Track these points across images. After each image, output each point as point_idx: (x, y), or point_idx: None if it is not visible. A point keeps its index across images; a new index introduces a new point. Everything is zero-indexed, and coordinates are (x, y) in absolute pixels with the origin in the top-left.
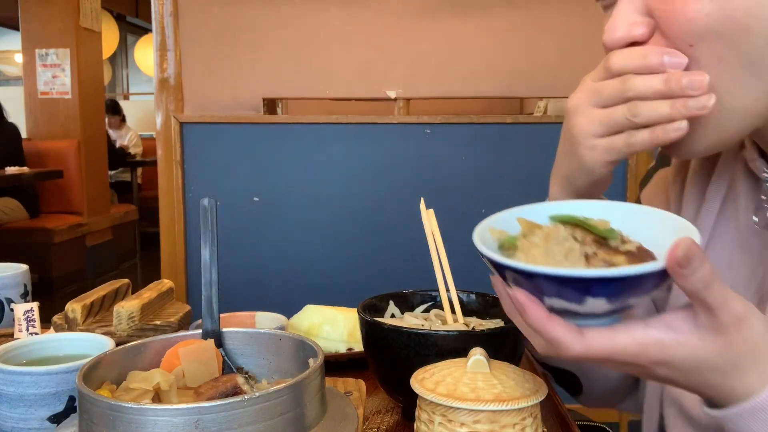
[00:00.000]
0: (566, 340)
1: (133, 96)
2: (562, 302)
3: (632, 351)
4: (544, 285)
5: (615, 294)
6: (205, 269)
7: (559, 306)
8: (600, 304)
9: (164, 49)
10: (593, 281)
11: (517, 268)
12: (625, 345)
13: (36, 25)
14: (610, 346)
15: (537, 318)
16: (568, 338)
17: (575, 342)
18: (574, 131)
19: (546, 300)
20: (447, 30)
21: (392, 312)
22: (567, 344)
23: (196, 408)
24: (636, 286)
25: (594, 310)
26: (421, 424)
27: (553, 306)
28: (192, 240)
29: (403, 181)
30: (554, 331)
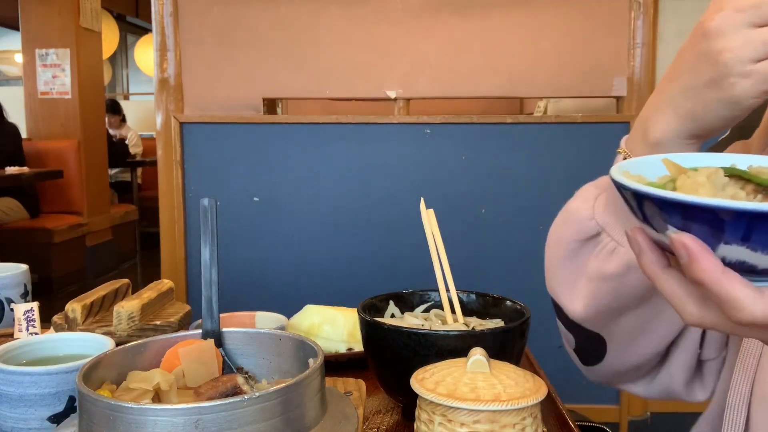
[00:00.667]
0: (745, 300)
1: (133, 96)
2: (744, 250)
3: None
4: (732, 227)
5: None
6: (205, 269)
7: (734, 258)
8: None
9: (164, 49)
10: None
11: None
12: None
13: (36, 25)
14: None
15: (710, 270)
16: (748, 298)
17: (756, 303)
18: (724, 57)
19: (721, 249)
20: (447, 30)
21: (392, 312)
22: (745, 305)
23: (196, 408)
24: None
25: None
26: (421, 424)
27: (726, 258)
28: (192, 240)
29: (403, 181)
30: (730, 287)
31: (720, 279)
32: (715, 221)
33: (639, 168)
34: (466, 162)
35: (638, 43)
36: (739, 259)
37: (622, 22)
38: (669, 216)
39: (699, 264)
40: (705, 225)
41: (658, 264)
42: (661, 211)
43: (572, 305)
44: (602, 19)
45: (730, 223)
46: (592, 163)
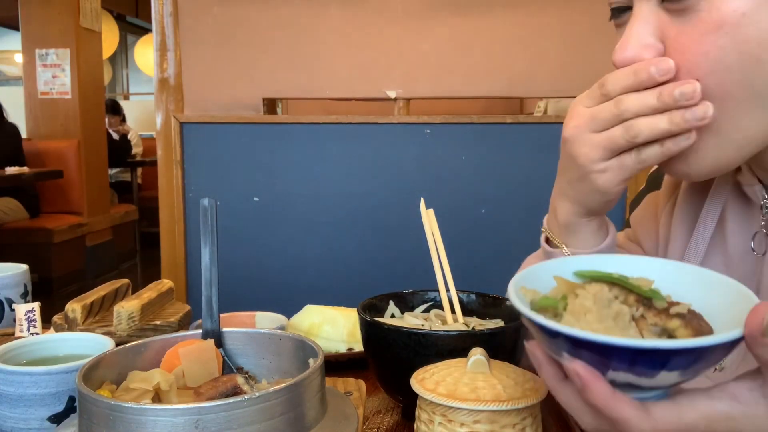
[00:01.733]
0: (633, 420)
1: (133, 96)
2: (630, 376)
3: (699, 428)
4: (616, 358)
5: (690, 365)
6: (205, 269)
7: (622, 380)
8: (671, 377)
9: (164, 49)
10: (676, 353)
11: (585, 339)
12: (692, 421)
13: (36, 25)
14: (677, 423)
15: (601, 396)
16: (636, 417)
17: (643, 421)
18: (579, 162)
19: (609, 374)
20: (447, 30)
21: (392, 312)
22: (635, 423)
23: (196, 408)
24: (711, 356)
25: (661, 383)
26: (421, 424)
27: (616, 380)
28: (192, 240)
29: (403, 181)
30: (620, 409)
31: (610, 403)
32: (602, 353)
33: (534, 280)
34: (466, 162)
35: None
36: (626, 381)
37: None
38: (563, 345)
39: (591, 390)
40: (594, 354)
41: (555, 377)
42: (555, 340)
43: None
44: (602, 19)
45: (616, 356)
46: None
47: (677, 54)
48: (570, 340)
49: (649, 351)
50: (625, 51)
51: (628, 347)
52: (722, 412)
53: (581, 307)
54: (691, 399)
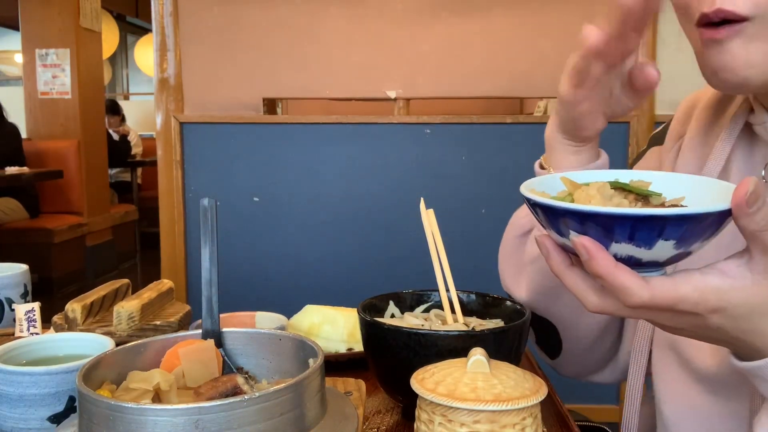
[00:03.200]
0: (634, 287)
1: (133, 96)
2: (631, 247)
3: (693, 299)
4: (619, 228)
5: (683, 236)
6: (205, 269)
7: (623, 253)
8: (666, 249)
9: (164, 49)
10: (670, 219)
11: (593, 212)
12: (686, 293)
13: (36, 25)
14: (673, 295)
15: (605, 265)
16: (636, 285)
17: (642, 289)
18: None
19: (612, 247)
20: (447, 30)
21: (392, 312)
22: (634, 291)
23: (196, 408)
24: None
25: (657, 257)
26: (421, 424)
27: (618, 254)
28: (192, 240)
29: (403, 181)
30: (622, 277)
31: (613, 271)
32: (606, 225)
33: (542, 185)
34: (466, 162)
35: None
36: (627, 254)
37: None
38: (570, 223)
39: (596, 260)
40: (599, 228)
41: (562, 263)
42: (564, 220)
43: (519, 292)
44: (602, 19)
45: (618, 225)
46: None
47: None
48: (577, 215)
49: (647, 218)
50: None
51: (629, 215)
52: (712, 284)
53: (586, 195)
54: (686, 274)
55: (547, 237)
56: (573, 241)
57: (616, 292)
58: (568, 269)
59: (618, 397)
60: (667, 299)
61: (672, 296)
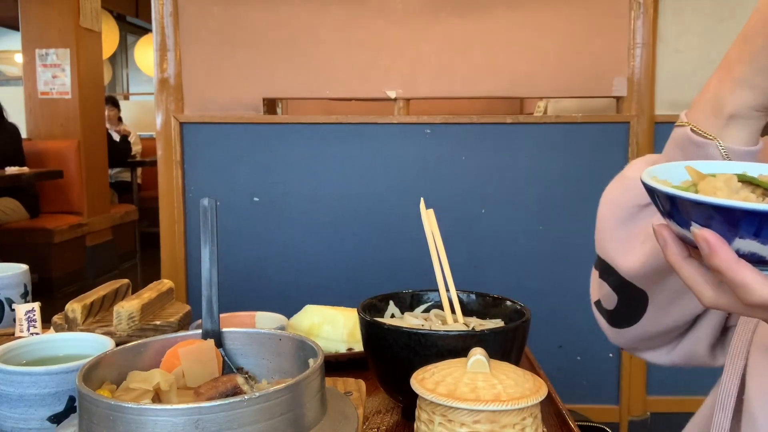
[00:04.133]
0: (754, 285)
1: (133, 96)
2: (755, 244)
3: None
4: (745, 223)
5: None
6: (205, 269)
7: (746, 250)
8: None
9: (164, 49)
10: None
11: (720, 205)
12: None
13: (36, 25)
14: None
15: (726, 260)
16: (757, 283)
17: (763, 287)
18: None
19: (736, 242)
20: (447, 30)
21: (392, 312)
22: (755, 289)
23: (196, 408)
24: None
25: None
26: (421, 424)
27: (740, 250)
28: (192, 240)
29: (403, 181)
30: (743, 273)
31: (734, 267)
32: (732, 219)
33: (665, 174)
34: (466, 162)
35: (638, 43)
36: (750, 251)
37: (622, 22)
38: (694, 214)
39: (717, 255)
40: (723, 222)
41: (680, 255)
42: (687, 211)
43: (626, 263)
44: (602, 19)
45: (745, 220)
46: (592, 163)
47: None
48: (702, 207)
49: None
50: None
51: (757, 211)
52: None
53: (712, 187)
54: None
55: (665, 227)
56: (694, 234)
57: (736, 288)
58: (685, 261)
59: (618, 398)
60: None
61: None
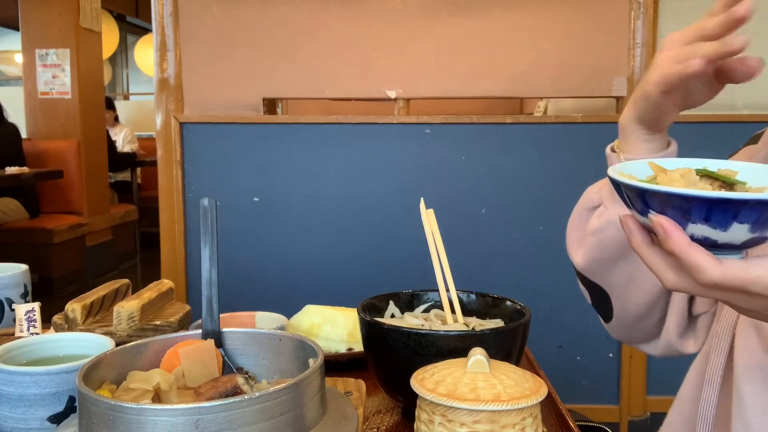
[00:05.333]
0: (707, 266)
1: (133, 96)
2: (706, 228)
3: (765, 282)
4: (696, 209)
5: (759, 221)
6: (205, 269)
7: (700, 234)
8: (741, 232)
9: (164, 49)
10: (747, 203)
11: (671, 193)
12: (758, 275)
13: (36, 25)
14: (744, 276)
15: (680, 243)
16: (709, 264)
17: (715, 268)
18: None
19: (689, 228)
20: (447, 30)
21: (392, 312)
22: (707, 269)
23: (196, 408)
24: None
25: (732, 239)
26: (421, 424)
27: (694, 234)
28: (192, 240)
29: (403, 181)
30: (696, 255)
31: (687, 249)
32: (683, 206)
33: (630, 169)
34: (466, 162)
35: (638, 43)
36: (703, 235)
37: (622, 22)
38: (652, 203)
39: (671, 238)
40: (676, 209)
41: (643, 242)
42: (646, 200)
43: (577, 258)
44: (602, 19)
45: (695, 206)
46: (592, 163)
47: None
48: (659, 196)
49: (722, 200)
50: None
51: (704, 197)
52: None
53: (669, 179)
54: (760, 258)
55: (630, 217)
56: (651, 220)
57: (690, 270)
58: (647, 247)
59: (618, 398)
60: (738, 280)
61: (742, 277)
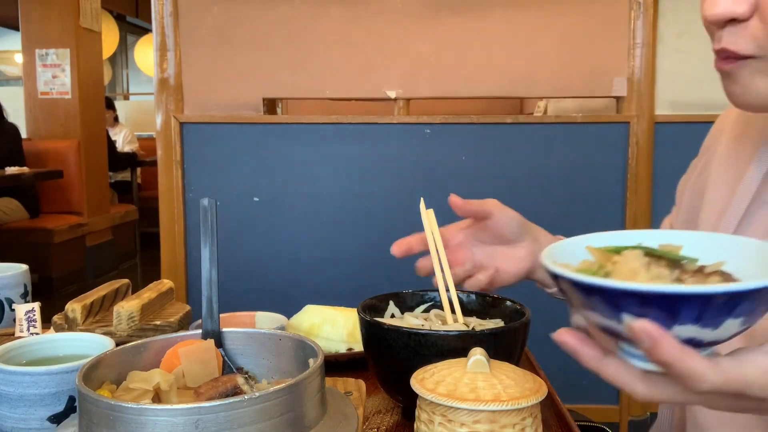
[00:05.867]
0: (704, 372)
1: (133, 96)
2: (695, 329)
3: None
4: (687, 309)
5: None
6: (205, 269)
7: (685, 336)
8: (733, 327)
9: (164, 49)
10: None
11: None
12: (755, 376)
13: (36, 25)
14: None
15: (673, 351)
16: (707, 369)
17: (714, 372)
18: None
19: (675, 329)
20: (447, 30)
21: (392, 312)
22: (705, 376)
23: (196, 408)
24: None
25: (721, 336)
26: (421, 424)
27: (678, 337)
28: (192, 240)
29: (403, 181)
30: (691, 362)
31: (681, 357)
32: (671, 306)
33: (562, 254)
34: (466, 162)
35: (638, 43)
36: (689, 336)
37: (622, 22)
38: (625, 304)
39: (662, 348)
40: (662, 310)
41: (596, 357)
42: (616, 301)
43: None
44: (602, 19)
45: (686, 306)
46: (592, 163)
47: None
48: (637, 297)
49: (720, 295)
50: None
51: (700, 294)
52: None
53: (630, 270)
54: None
55: (566, 332)
56: (631, 327)
57: (685, 379)
58: (604, 361)
59: (618, 398)
60: (739, 383)
61: (742, 380)
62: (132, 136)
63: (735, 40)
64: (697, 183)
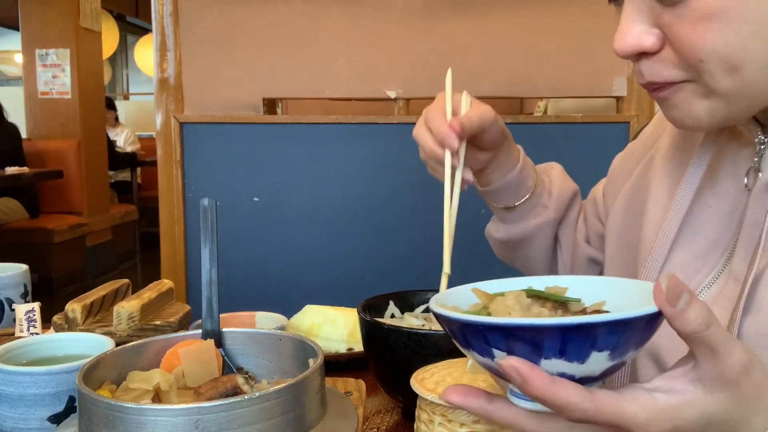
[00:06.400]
0: (578, 399)
1: (133, 96)
2: (562, 363)
3: (641, 419)
4: (548, 341)
5: (618, 344)
6: (205, 269)
7: (555, 371)
8: (601, 361)
9: (164, 49)
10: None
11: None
12: (634, 412)
13: (36, 25)
14: (617, 410)
15: (542, 385)
16: (580, 397)
17: (586, 400)
18: None
19: (542, 364)
20: (447, 30)
21: (392, 312)
22: (578, 403)
23: (196, 408)
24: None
25: (591, 371)
26: (421, 424)
27: (549, 371)
28: (192, 240)
29: (403, 181)
30: (563, 392)
31: (552, 390)
32: (533, 339)
33: (452, 299)
34: None
35: None
36: (559, 371)
37: None
38: (492, 340)
39: (532, 382)
40: (525, 344)
41: (482, 408)
42: (485, 337)
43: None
44: (602, 19)
45: (547, 338)
46: (592, 163)
47: (675, 40)
48: (499, 330)
49: (577, 327)
50: (625, 40)
51: (558, 326)
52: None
53: (504, 307)
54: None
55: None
56: (500, 365)
57: (561, 410)
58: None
59: None
60: (610, 414)
61: (616, 411)
62: (134, 136)
63: (656, 71)
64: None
